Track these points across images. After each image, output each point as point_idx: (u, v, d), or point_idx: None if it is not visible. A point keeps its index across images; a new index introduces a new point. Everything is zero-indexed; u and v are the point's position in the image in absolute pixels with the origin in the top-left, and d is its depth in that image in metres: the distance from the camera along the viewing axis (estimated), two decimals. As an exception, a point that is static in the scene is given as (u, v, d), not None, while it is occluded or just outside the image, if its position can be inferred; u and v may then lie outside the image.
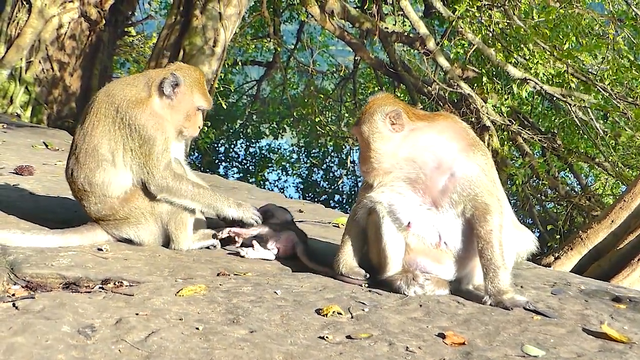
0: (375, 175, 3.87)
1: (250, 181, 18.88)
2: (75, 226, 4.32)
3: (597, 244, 8.13)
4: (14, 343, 2.79)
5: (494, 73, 13.84)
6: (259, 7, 16.41)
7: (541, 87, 12.32)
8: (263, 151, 23.67)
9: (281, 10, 18.72)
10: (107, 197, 4.23)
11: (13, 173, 6.37)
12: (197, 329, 3.08)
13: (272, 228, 4.47)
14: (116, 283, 3.64)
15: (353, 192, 20.28)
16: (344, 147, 20.20)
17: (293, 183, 22.61)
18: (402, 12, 13.39)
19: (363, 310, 3.45)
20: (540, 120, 16.03)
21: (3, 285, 3.49)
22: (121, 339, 2.92)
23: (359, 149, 4.07)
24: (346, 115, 20.36)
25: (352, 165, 19.85)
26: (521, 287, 3.96)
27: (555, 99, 13.51)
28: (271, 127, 22.66)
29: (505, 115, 13.35)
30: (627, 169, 13.10)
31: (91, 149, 4.20)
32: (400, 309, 3.50)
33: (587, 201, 13.22)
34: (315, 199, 19.67)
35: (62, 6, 12.83)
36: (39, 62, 12.81)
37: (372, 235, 3.90)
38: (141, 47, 19.23)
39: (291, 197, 10.02)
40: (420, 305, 3.55)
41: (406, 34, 13.57)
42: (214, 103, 4.64)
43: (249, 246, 4.38)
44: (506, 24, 12.85)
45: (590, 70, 13.25)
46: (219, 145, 23.00)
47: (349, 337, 3.09)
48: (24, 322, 2.99)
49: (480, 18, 12.56)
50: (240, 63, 19.20)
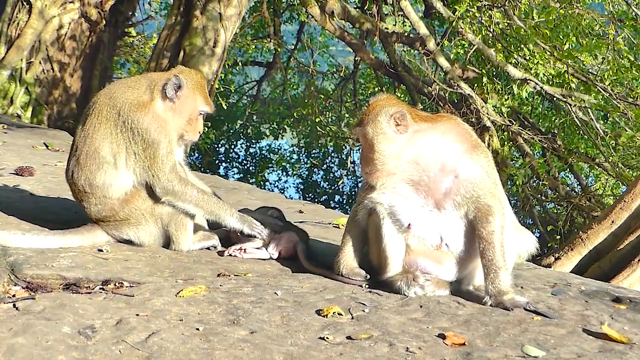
0: (378, 177, 3.83)
1: (251, 182, 18.88)
2: (75, 227, 4.32)
3: (598, 245, 8.13)
4: (14, 344, 2.79)
5: (494, 73, 13.84)
6: (259, 8, 16.44)
7: (541, 88, 12.32)
8: (263, 152, 23.67)
9: (281, 11, 18.73)
10: (107, 199, 4.23)
11: (13, 174, 6.38)
12: (197, 329, 3.08)
13: (273, 229, 4.47)
14: (116, 284, 3.64)
15: (353, 193, 20.28)
16: (344, 147, 20.20)
17: (293, 183, 22.61)
18: (402, 13, 13.40)
19: (363, 310, 3.45)
20: (541, 120, 16.03)
21: (3, 286, 3.49)
22: (121, 339, 2.92)
23: (360, 150, 4.02)
24: (346, 115, 20.36)
25: (352, 165, 19.85)
26: (521, 287, 3.96)
27: (555, 99, 13.52)
28: (271, 128, 22.68)
29: (505, 115, 13.36)
30: (628, 170, 13.10)
31: (92, 151, 4.19)
32: (401, 310, 3.50)
33: (587, 202, 13.21)
34: (316, 200, 19.67)
35: (62, 7, 12.83)
36: (40, 62, 12.81)
37: (373, 236, 3.89)
38: (141, 48, 19.25)
39: (291, 198, 10.02)
40: (421, 306, 3.55)
41: (406, 34, 13.58)
42: (214, 103, 4.63)
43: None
44: (506, 24, 12.85)
45: (590, 70, 13.25)
46: (219, 145, 23.00)
47: (349, 337, 3.09)
48: (25, 322, 2.99)
49: (480, 18, 12.55)
50: (240, 63, 19.21)
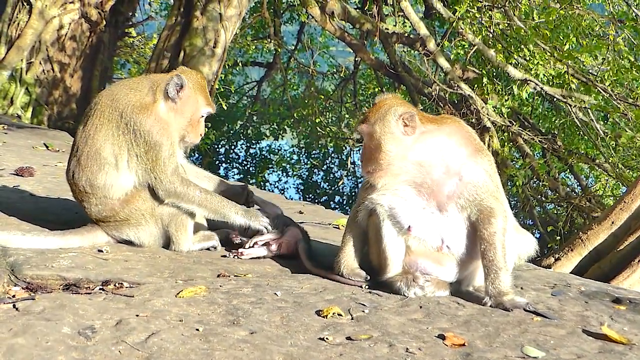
0: (380, 176, 3.80)
1: (251, 182, 18.88)
2: (75, 228, 4.33)
3: (598, 245, 8.13)
4: (14, 344, 2.79)
5: (495, 74, 13.84)
6: (259, 8, 16.44)
7: (541, 88, 12.32)
8: (263, 152, 23.67)
9: (282, 11, 18.75)
10: (108, 199, 4.23)
11: (13, 174, 6.38)
12: (197, 330, 3.08)
13: (284, 221, 4.49)
14: (116, 284, 3.65)
15: (353, 194, 20.28)
16: (344, 148, 20.21)
17: (293, 184, 22.60)
18: (402, 13, 13.41)
19: (363, 311, 3.45)
20: (541, 121, 16.03)
21: (3, 287, 3.50)
22: (121, 340, 2.92)
23: (362, 149, 3.96)
24: (346, 116, 20.37)
25: (353, 166, 19.85)
26: (521, 288, 3.96)
27: (555, 100, 13.52)
28: (271, 128, 22.69)
29: (505, 116, 13.36)
30: (628, 170, 13.10)
31: (93, 152, 4.19)
32: (401, 311, 3.50)
33: (587, 202, 13.21)
34: (316, 200, 19.67)
35: (62, 7, 12.83)
36: (40, 63, 12.82)
37: (373, 236, 3.88)
38: (142, 48, 19.27)
39: (291, 199, 10.02)
40: (420, 307, 3.55)
41: (406, 34, 13.58)
42: (214, 104, 4.63)
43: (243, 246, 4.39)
44: (506, 24, 12.85)
45: (590, 71, 13.25)
46: (220, 146, 23.00)
47: (349, 338, 3.10)
48: (25, 323, 2.99)
49: (480, 19, 12.56)
50: (240, 64, 19.23)
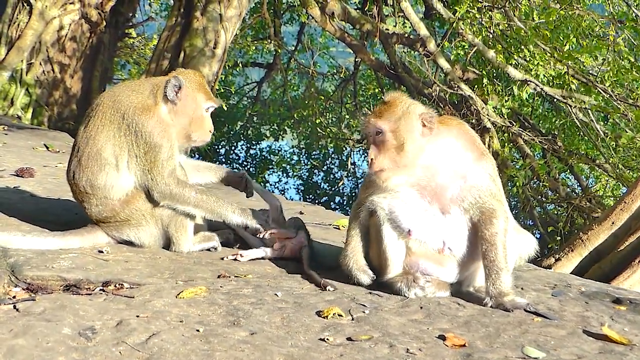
0: (393, 176, 3.70)
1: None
2: (75, 228, 4.33)
3: (598, 246, 8.12)
4: (14, 345, 2.79)
5: (495, 74, 13.83)
6: (259, 9, 16.46)
7: (542, 89, 12.31)
8: (264, 153, 23.66)
9: (282, 12, 18.75)
10: (108, 199, 4.24)
11: (14, 175, 6.38)
12: (197, 330, 3.08)
13: (296, 224, 4.50)
14: (117, 285, 3.65)
15: (354, 194, 20.25)
16: (344, 148, 20.21)
17: (294, 185, 22.60)
18: (402, 14, 13.41)
19: (363, 312, 3.45)
20: (541, 121, 16.02)
21: (4, 288, 3.50)
22: (122, 341, 2.92)
23: (372, 145, 3.71)
24: (347, 117, 20.37)
25: (353, 167, 19.86)
26: (522, 289, 3.96)
27: (555, 100, 13.51)
28: (272, 129, 22.68)
29: (505, 116, 13.35)
30: (628, 171, 13.08)
31: (94, 152, 4.20)
32: (401, 311, 3.50)
33: (587, 203, 13.20)
34: (316, 201, 19.67)
35: (62, 8, 12.84)
36: (40, 64, 12.82)
37: (374, 237, 3.87)
38: (142, 49, 19.28)
39: (292, 199, 10.02)
40: (421, 307, 3.55)
41: (407, 35, 13.58)
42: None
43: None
44: (506, 25, 12.84)
45: (590, 71, 13.25)
46: (220, 147, 22.99)
47: (349, 339, 3.09)
48: (25, 324, 2.99)
49: (480, 19, 12.56)
50: (240, 65, 19.24)
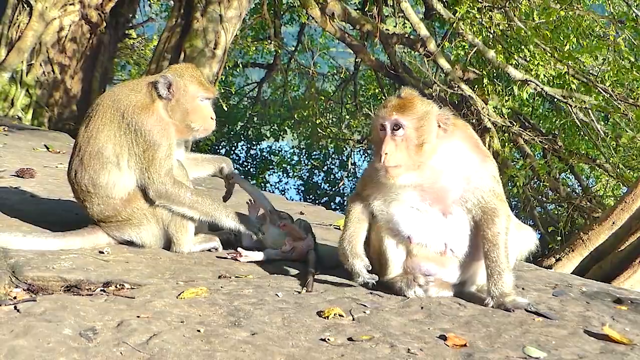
0: (401, 173, 3.60)
1: (251, 183, 18.83)
2: (76, 229, 4.33)
3: (598, 246, 8.12)
4: (15, 346, 2.79)
5: (495, 74, 13.84)
6: (259, 9, 16.46)
7: (542, 89, 12.31)
8: (264, 153, 23.68)
9: (282, 13, 18.75)
10: (110, 198, 4.25)
11: (14, 176, 6.38)
12: (198, 331, 3.08)
13: (306, 228, 4.51)
14: (117, 286, 3.65)
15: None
16: (345, 149, 20.21)
17: (294, 185, 22.62)
18: (402, 14, 13.42)
19: (364, 312, 3.44)
20: (541, 121, 16.02)
21: (5, 288, 3.50)
22: (122, 341, 2.92)
23: (389, 139, 3.55)
24: (347, 117, 20.37)
25: (353, 167, 19.85)
26: (522, 289, 3.95)
27: (556, 100, 13.51)
28: (272, 129, 22.70)
29: (506, 116, 13.35)
30: (628, 171, 13.09)
31: (96, 151, 4.22)
32: (402, 311, 3.49)
33: (588, 203, 13.20)
34: (316, 201, 19.69)
35: (62, 9, 12.83)
36: (40, 64, 12.81)
37: (374, 237, 3.86)
38: (142, 50, 19.28)
39: (292, 199, 10.03)
40: (422, 307, 3.55)
41: (407, 35, 13.57)
42: (214, 105, 4.63)
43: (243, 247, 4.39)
44: (507, 25, 12.84)
45: (591, 71, 13.24)
46: (220, 147, 23.00)
47: (350, 339, 3.09)
48: (26, 325, 2.99)
49: (480, 19, 12.55)
50: (241, 65, 19.24)
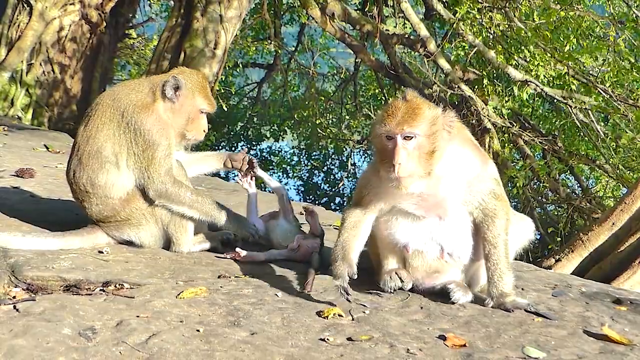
0: (413, 182, 3.49)
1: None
2: (75, 229, 4.33)
3: (598, 247, 8.11)
4: (14, 345, 2.79)
5: (495, 75, 13.84)
6: (259, 10, 16.46)
7: (542, 89, 12.31)
8: (264, 153, 23.66)
9: (282, 13, 18.75)
10: (109, 198, 4.24)
11: (14, 176, 6.38)
12: (197, 331, 3.08)
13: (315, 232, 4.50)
14: (117, 285, 3.64)
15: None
16: (344, 149, 20.21)
17: (294, 185, 22.60)
18: (402, 15, 13.42)
19: (364, 312, 3.45)
20: (541, 122, 16.02)
21: (4, 288, 3.50)
22: (122, 341, 2.92)
23: (402, 149, 3.42)
24: (347, 117, 20.37)
25: (353, 167, 19.84)
26: (522, 289, 3.96)
27: (556, 101, 13.51)
28: (272, 130, 22.70)
29: (506, 117, 13.34)
30: (628, 171, 13.08)
31: (94, 151, 4.21)
32: (401, 311, 3.50)
33: (587, 203, 13.20)
34: (316, 202, 19.68)
35: (62, 9, 12.83)
36: (40, 64, 12.81)
37: (372, 245, 3.89)
38: (142, 50, 19.29)
39: (292, 200, 10.01)
40: (421, 308, 3.55)
41: (407, 36, 13.57)
42: (209, 114, 4.63)
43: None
44: (507, 26, 12.84)
45: (591, 72, 13.25)
46: (220, 147, 22.98)
47: (349, 339, 3.09)
48: (25, 324, 2.99)
49: (480, 20, 12.55)
50: (241, 65, 19.25)
